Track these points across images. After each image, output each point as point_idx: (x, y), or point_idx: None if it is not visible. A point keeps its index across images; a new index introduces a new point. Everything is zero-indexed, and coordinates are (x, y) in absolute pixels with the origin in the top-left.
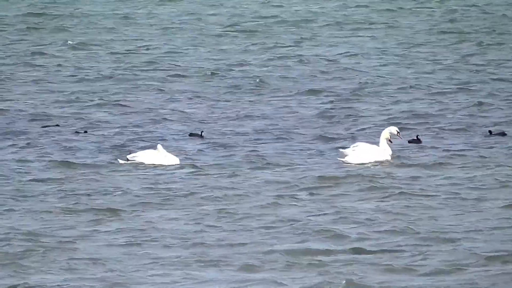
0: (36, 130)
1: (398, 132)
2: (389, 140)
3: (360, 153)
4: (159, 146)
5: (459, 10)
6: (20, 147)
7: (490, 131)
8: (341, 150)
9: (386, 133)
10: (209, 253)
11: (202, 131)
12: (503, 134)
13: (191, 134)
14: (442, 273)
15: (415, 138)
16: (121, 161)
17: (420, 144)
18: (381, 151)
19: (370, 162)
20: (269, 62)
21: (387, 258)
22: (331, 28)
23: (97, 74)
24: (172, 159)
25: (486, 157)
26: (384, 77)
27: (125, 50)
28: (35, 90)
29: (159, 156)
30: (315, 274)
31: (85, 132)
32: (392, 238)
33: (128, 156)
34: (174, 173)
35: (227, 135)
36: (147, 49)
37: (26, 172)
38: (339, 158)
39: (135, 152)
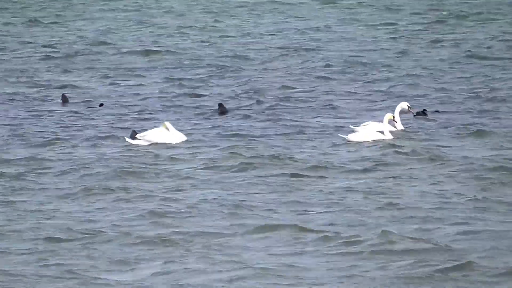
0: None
1: (409, 107)
2: (393, 120)
3: (370, 131)
4: (166, 123)
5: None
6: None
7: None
8: (351, 127)
9: (395, 112)
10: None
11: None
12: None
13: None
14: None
15: (422, 111)
16: (128, 140)
17: (426, 117)
18: (391, 129)
19: (379, 140)
20: (273, 47)
21: None
22: None
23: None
24: (179, 136)
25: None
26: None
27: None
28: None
29: (167, 133)
30: None
31: (101, 105)
32: None
33: (137, 135)
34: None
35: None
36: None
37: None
38: (343, 136)
39: (143, 131)
